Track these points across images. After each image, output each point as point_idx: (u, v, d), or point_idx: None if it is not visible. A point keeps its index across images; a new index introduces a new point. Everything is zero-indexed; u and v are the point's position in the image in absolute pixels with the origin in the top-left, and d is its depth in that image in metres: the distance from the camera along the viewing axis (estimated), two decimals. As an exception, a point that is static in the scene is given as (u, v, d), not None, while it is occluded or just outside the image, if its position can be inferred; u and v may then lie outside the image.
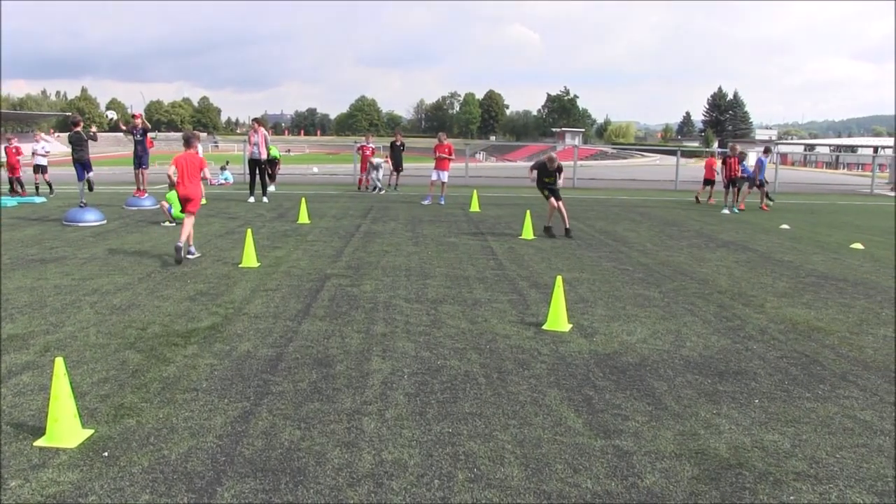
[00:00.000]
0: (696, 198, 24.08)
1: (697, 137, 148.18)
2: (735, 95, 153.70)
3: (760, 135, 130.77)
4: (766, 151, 23.27)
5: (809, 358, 6.68)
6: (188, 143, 11.88)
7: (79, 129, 16.93)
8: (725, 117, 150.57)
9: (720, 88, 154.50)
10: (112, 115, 19.01)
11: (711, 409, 5.35)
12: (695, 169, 43.81)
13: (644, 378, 6.03)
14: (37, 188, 21.57)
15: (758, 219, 19.18)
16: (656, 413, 5.27)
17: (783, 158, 67.36)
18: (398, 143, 25.17)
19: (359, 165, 26.13)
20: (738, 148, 22.71)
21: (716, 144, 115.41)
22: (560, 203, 14.51)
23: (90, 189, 16.04)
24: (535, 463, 4.41)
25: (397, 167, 25.36)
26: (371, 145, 25.59)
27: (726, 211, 20.56)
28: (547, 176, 14.58)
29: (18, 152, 21.95)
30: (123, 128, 19.02)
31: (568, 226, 14.53)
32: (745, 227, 16.99)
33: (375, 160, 25.02)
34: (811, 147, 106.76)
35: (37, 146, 21.81)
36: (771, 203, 22.75)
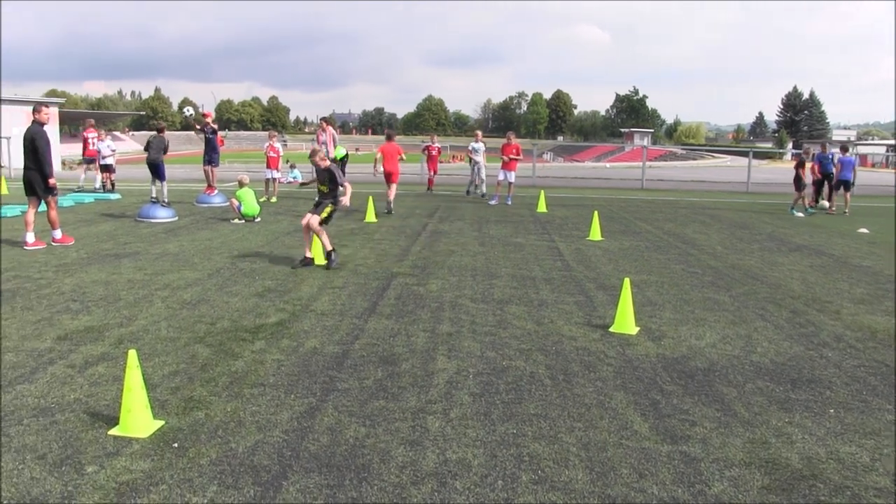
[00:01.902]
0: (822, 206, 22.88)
1: (771, 138, 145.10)
2: (811, 95, 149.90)
3: (838, 135, 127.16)
4: (844, 150, 22.59)
5: (890, 368, 6.46)
6: (389, 137, 18.48)
7: (161, 135, 17.35)
8: (801, 117, 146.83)
9: (795, 88, 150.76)
10: (189, 111, 19.22)
11: (783, 418, 5.22)
12: (767, 171, 42.93)
13: (713, 383, 5.91)
14: (112, 185, 22.10)
15: (834, 222, 18.68)
16: (725, 420, 5.16)
17: (863, 160, 65.42)
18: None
19: (426, 165, 25.90)
20: (812, 151, 22.26)
21: (790, 146, 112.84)
22: (314, 222, 10.36)
23: (158, 200, 16.35)
24: (600, 466, 4.36)
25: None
26: (437, 145, 25.38)
27: (800, 214, 20.11)
28: (321, 182, 10.72)
29: None
30: (197, 127, 19.34)
31: (329, 247, 10.43)
32: (819, 231, 16.55)
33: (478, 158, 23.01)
34: (895, 148, 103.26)
35: (101, 145, 22.17)
36: (826, 204, 22.08)
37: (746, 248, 13.30)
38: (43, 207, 11.94)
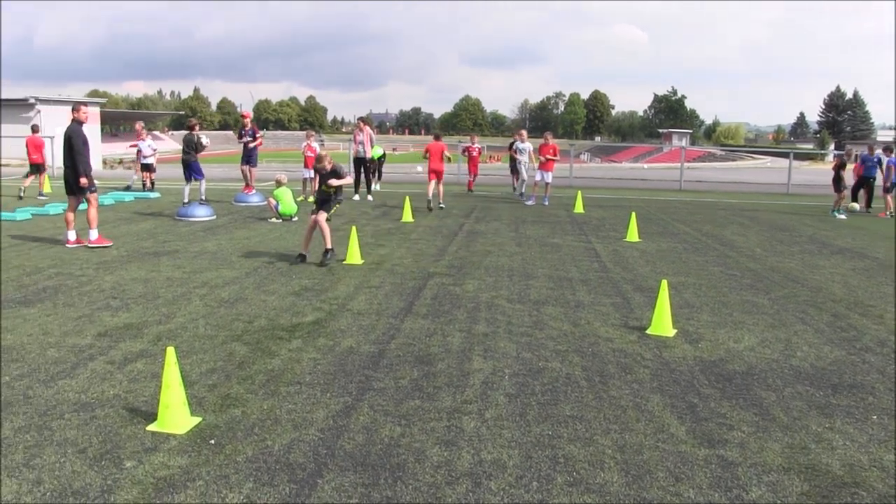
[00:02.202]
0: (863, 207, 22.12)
1: (812, 139, 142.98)
2: (855, 94, 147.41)
3: (883, 136, 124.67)
4: (888, 151, 22.15)
5: (931, 372, 6.34)
6: (437, 137, 19.52)
7: (192, 132, 17.48)
8: (843, 118, 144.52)
9: (838, 87, 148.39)
10: (206, 140, 19.11)
11: (824, 423, 5.15)
12: (808, 172, 42.36)
13: (751, 387, 5.85)
14: (152, 184, 22.37)
15: (877, 225, 18.37)
16: (763, 424, 5.10)
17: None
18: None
19: (467, 166, 25.51)
20: (854, 152, 21.86)
21: (832, 146, 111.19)
22: (322, 218, 10.84)
23: (189, 202, 16.31)
24: (636, 469, 4.34)
25: (517, 169, 23.35)
26: (477, 146, 25.06)
27: (842, 216, 19.79)
28: (324, 183, 11.02)
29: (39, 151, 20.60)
30: (241, 135, 19.46)
31: (329, 245, 10.75)
32: (862, 234, 16.27)
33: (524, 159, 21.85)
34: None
35: (142, 145, 22.42)
36: (856, 207, 21.53)
37: (786, 251, 13.13)
38: (85, 205, 12.12)
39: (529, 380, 5.88)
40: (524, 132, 22.92)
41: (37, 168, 20.84)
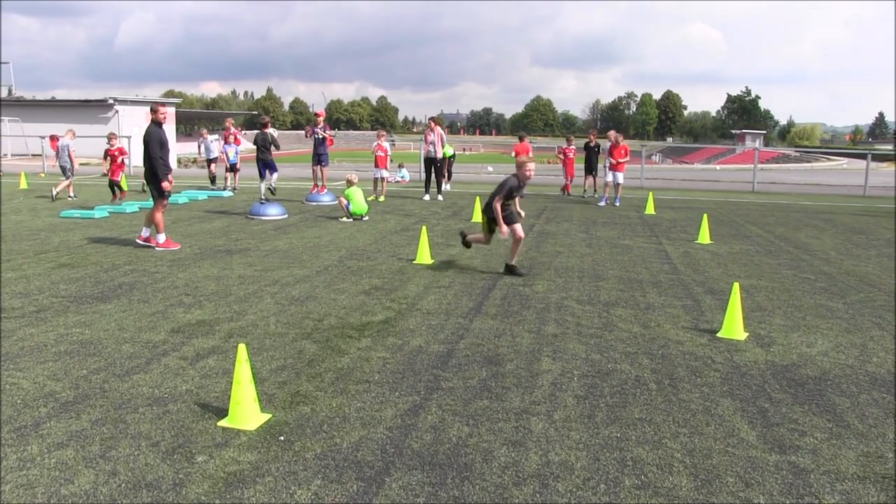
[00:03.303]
0: None
1: (892, 139, 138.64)
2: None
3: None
4: None
5: None
6: (521, 139, 23.88)
7: (266, 131, 17.75)
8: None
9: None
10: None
11: (900, 431, 5.03)
12: (887, 174, 41.11)
13: (824, 393, 5.74)
14: (225, 181, 22.85)
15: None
16: (837, 431, 5.01)
17: None
18: (592, 144, 23.46)
19: (563, 167, 24.44)
20: None
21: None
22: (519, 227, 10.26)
23: (272, 192, 16.53)
24: (705, 474, 4.31)
25: (590, 170, 23.53)
26: (573, 146, 24.44)
27: (924, 219, 19.16)
28: (512, 196, 10.10)
29: (122, 152, 19.78)
30: (310, 130, 19.74)
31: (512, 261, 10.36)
32: (944, 238, 15.74)
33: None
34: None
35: (206, 144, 22.92)
36: None
37: (863, 254, 12.80)
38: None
39: (598, 381, 5.87)
40: (613, 133, 21.55)
41: None
